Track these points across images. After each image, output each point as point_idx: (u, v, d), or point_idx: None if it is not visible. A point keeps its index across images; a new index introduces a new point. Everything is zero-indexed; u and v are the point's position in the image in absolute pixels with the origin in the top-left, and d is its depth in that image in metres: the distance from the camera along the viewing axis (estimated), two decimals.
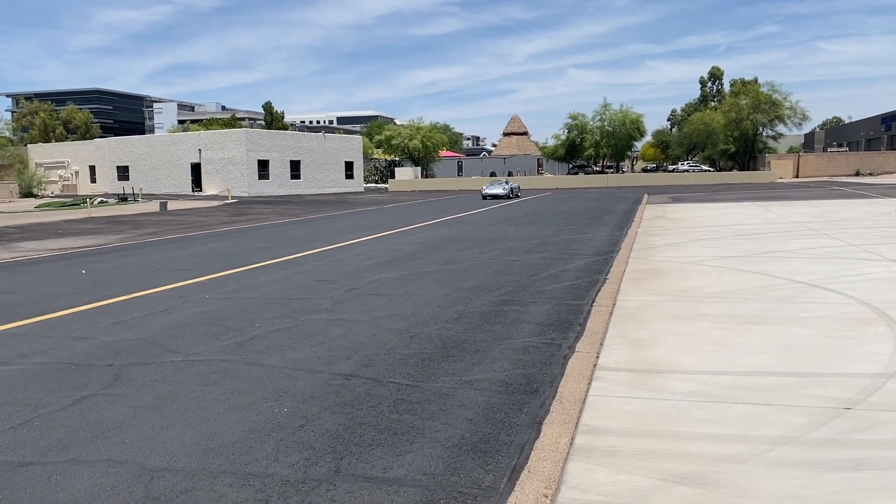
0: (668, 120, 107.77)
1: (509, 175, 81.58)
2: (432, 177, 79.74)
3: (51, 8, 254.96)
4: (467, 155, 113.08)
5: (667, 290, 9.41)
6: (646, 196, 38.80)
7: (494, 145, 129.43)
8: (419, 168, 78.68)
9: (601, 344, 6.79)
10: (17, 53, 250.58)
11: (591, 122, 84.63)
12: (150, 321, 8.63)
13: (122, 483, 4.10)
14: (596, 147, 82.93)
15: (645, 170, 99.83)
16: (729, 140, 75.39)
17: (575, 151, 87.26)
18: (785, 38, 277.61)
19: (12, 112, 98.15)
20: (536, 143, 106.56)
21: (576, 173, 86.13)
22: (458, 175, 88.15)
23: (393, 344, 7.19)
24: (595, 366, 6.07)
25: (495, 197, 41.56)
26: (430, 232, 20.82)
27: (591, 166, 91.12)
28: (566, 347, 6.88)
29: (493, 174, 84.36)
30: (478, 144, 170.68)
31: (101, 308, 9.57)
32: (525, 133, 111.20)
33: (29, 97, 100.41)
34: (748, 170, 74.42)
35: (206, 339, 7.61)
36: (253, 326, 8.15)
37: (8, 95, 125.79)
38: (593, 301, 9.14)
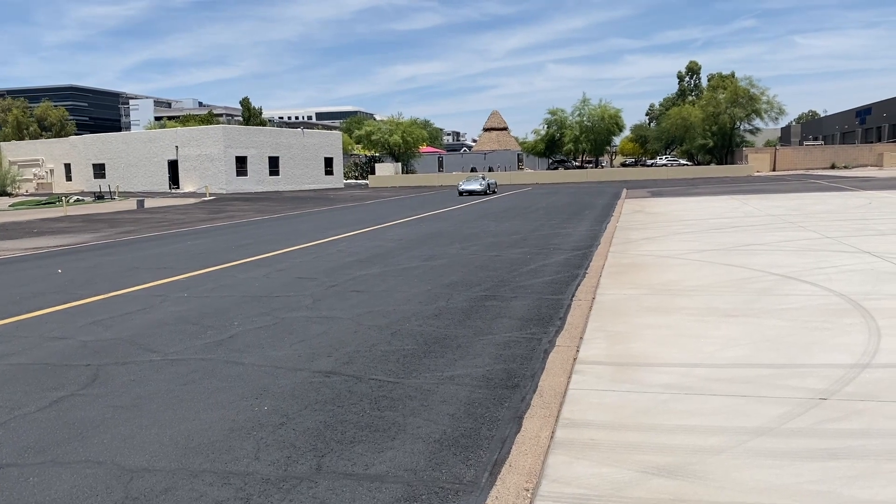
0: (647, 115, 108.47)
1: (489, 171, 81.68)
2: (413, 172, 79.63)
3: (24, 3, 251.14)
4: (448, 150, 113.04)
5: (646, 284, 9.48)
6: (625, 191, 39.03)
7: (475, 141, 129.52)
8: (399, 164, 78.54)
9: (581, 338, 6.83)
10: None
11: (571, 118, 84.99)
12: (128, 320, 8.54)
13: (101, 484, 4.06)
14: (575, 142, 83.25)
15: (624, 164, 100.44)
16: (707, 134, 76.05)
17: (555, 147, 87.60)
18: (762, 33, 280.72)
19: None
20: (516, 139, 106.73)
21: (556, 168, 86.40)
22: (439, 171, 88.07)
23: (374, 341, 7.18)
24: (575, 359, 6.10)
25: (472, 193, 40.39)
26: (410, 228, 20.80)
27: (570, 161, 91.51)
28: (546, 342, 6.91)
29: (473, 169, 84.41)
30: (458, 140, 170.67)
31: (78, 307, 9.46)
32: (505, 128, 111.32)
33: (1, 94, 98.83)
34: (726, 164, 75.12)
35: (185, 337, 7.55)
36: (232, 325, 8.10)
37: None
38: (573, 295, 9.19)
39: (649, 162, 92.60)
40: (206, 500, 3.83)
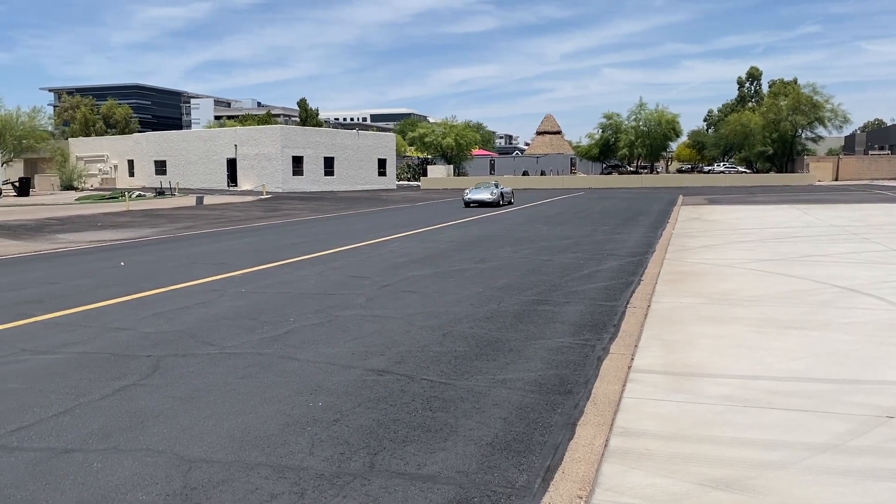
0: (705, 120, 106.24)
1: (542, 174, 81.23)
2: (464, 175, 79.71)
3: (93, 4, 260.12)
4: (500, 153, 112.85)
5: (702, 293, 9.30)
6: (681, 197, 38.34)
7: (527, 144, 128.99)
8: (451, 166, 78.71)
9: (636, 346, 6.73)
10: (60, 49, 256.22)
11: (626, 122, 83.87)
12: (187, 313, 8.76)
13: (161, 472, 4.17)
14: (630, 147, 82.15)
15: (680, 170, 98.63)
16: (767, 141, 74.14)
17: (609, 151, 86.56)
18: (827, 38, 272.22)
19: (54, 106, 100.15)
20: (570, 143, 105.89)
21: (609, 173, 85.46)
22: (490, 173, 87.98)
23: (426, 341, 7.21)
24: (630, 367, 6.02)
25: (482, 204, 32.64)
26: (462, 230, 20.82)
27: (624, 166, 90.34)
28: (600, 348, 6.83)
29: (525, 173, 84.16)
30: (510, 143, 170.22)
31: (140, 300, 9.74)
32: (558, 132, 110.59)
33: (70, 92, 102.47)
34: (786, 172, 73.14)
35: (242, 332, 7.71)
36: (287, 321, 8.23)
37: (50, 90, 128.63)
38: (627, 302, 9.06)
39: (706, 168, 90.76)
40: (262, 493, 3.89)
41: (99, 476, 4.14)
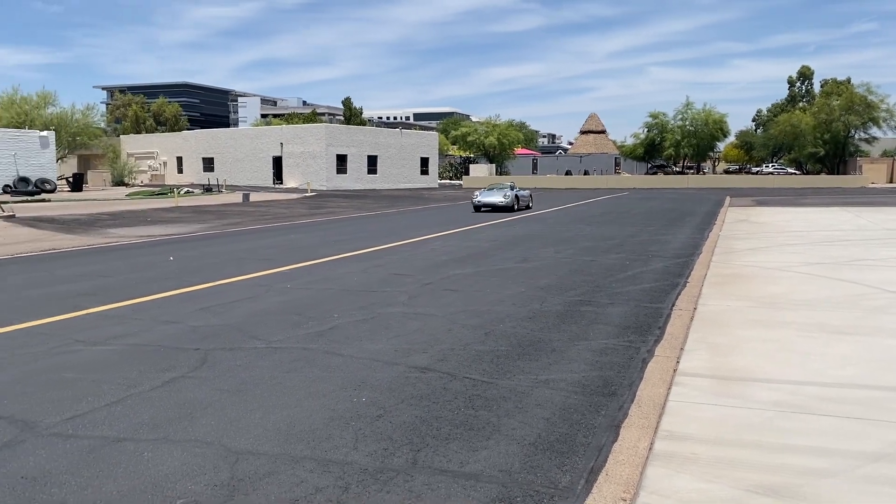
0: (753, 120, 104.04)
1: (585, 174, 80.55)
2: (506, 174, 79.46)
3: (145, 5, 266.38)
4: (543, 153, 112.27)
5: (750, 296, 9.12)
6: (728, 198, 37.63)
7: (571, 143, 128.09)
8: (494, 165, 78.55)
9: (681, 349, 6.64)
10: (113, 48, 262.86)
11: (672, 122, 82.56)
12: (234, 308, 8.93)
13: (209, 463, 4.26)
14: (676, 147, 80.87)
15: (727, 171, 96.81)
16: (818, 143, 72.22)
17: (654, 151, 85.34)
18: (883, 37, 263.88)
19: (107, 104, 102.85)
20: (614, 142, 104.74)
21: (654, 173, 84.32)
22: (533, 173, 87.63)
23: (468, 340, 7.22)
24: (675, 370, 5.94)
25: (494, 208, 28.60)
26: (504, 229, 20.78)
27: (670, 167, 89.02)
28: (645, 351, 6.76)
29: (568, 172, 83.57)
30: (553, 142, 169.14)
31: (188, 294, 9.95)
32: (603, 131, 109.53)
33: (122, 90, 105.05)
34: (838, 174, 71.21)
35: (288, 327, 7.82)
36: (332, 317, 8.33)
37: (103, 88, 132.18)
38: (673, 304, 8.94)
39: (754, 169, 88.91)
40: (307, 486, 3.95)
41: (149, 465, 4.25)
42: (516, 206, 29.08)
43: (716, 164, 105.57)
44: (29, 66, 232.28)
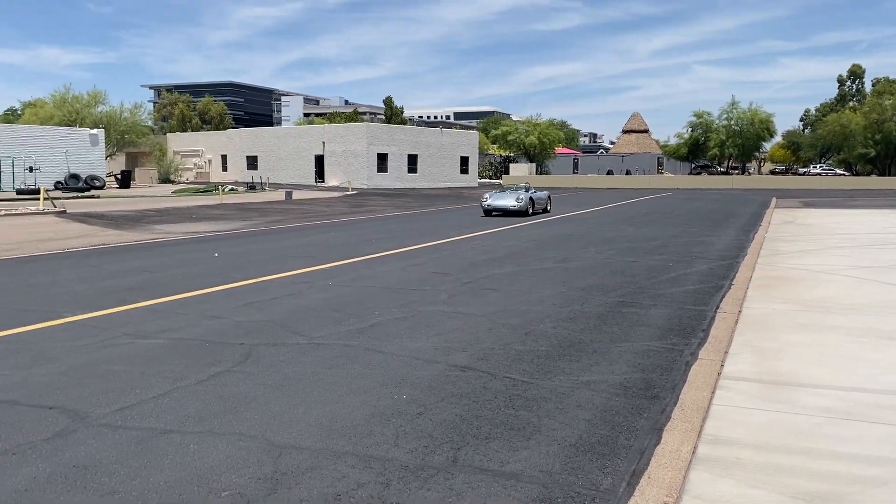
0: (801, 120, 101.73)
1: (626, 174, 79.70)
2: (547, 173, 79.11)
3: (192, 5, 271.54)
4: (584, 152, 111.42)
5: (797, 299, 8.93)
6: (774, 199, 36.87)
7: (613, 143, 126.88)
8: (534, 164, 78.24)
9: (726, 352, 6.53)
10: (161, 48, 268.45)
11: (717, 121, 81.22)
12: (277, 304, 9.05)
13: (253, 456, 4.33)
14: (721, 147, 79.51)
15: (773, 172, 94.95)
16: (868, 143, 70.31)
17: (698, 151, 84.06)
18: None
19: (154, 103, 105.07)
20: (657, 142, 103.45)
21: (698, 173, 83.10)
22: (574, 172, 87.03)
23: (508, 339, 7.21)
24: (719, 374, 5.85)
25: (506, 212, 25.67)
26: (544, 229, 20.68)
27: (714, 167, 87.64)
28: (688, 354, 6.66)
29: (609, 172, 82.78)
30: (594, 141, 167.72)
31: (233, 290, 10.12)
32: (645, 131, 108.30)
33: (169, 89, 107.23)
34: (889, 175, 69.21)
35: (329, 323, 7.90)
36: (372, 314, 8.39)
37: (151, 87, 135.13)
38: (717, 307, 8.80)
39: (801, 170, 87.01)
40: (349, 481, 3.99)
41: (195, 457, 4.33)
42: (531, 210, 26.00)
43: (761, 164, 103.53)
44: (80, 65, 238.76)
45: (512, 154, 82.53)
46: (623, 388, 5.64)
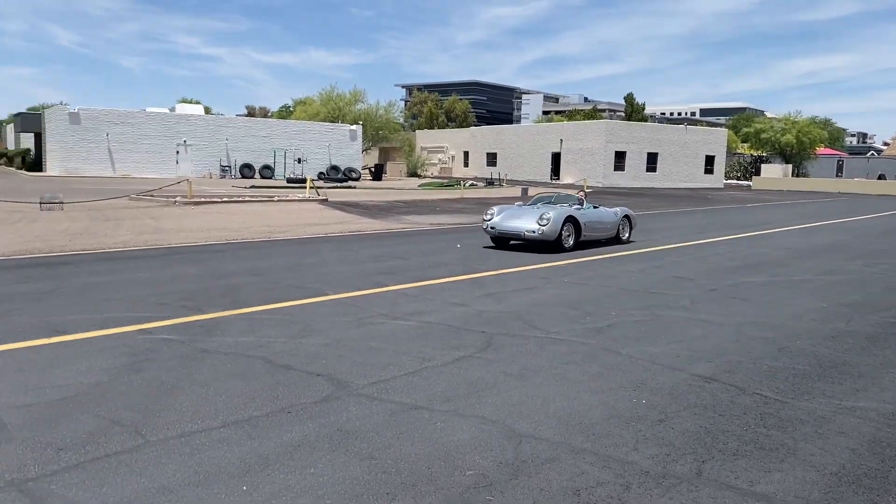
0: None
1: (879, 178, 70.51)
2: (804, 176, 72.25)
3: (443, 7, 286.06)
4: (850, 154, 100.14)
5: None
6: None
7: (886, 144, 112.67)
8: (789, 166, 71.86)
9: None
10: (413, 49, 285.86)
11: None
12: (514, 296, 9.28)
13: (495, 441, 4.50)
14: None
15: None
16: None
17: None
18: None
19: (405, 101, 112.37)
20: None
21: None
22: (837, 176, 78.55)
23: (758, 353, 6.74)
24: None
25: (517, 238, 14.50)
26: (801, 237, 18.96)
27: None
28: None
29: (881, 177, 73.70)
30: (864, 142, 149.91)
31: (474, 280, 10.55)
32: None
33: (420, 88, 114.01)
34: None
35: (565, 320, 7.94)
36: (609, 314, 8.29)
37: (403, 86, 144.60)
38: None
39: None
40: (588, 478, 4.00)
41: (442, 434, 4.60)
42: (568, 240, 14.48)
43: None
44: (343, 66, 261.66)
45: (765, 154, 76.50)
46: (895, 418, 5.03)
